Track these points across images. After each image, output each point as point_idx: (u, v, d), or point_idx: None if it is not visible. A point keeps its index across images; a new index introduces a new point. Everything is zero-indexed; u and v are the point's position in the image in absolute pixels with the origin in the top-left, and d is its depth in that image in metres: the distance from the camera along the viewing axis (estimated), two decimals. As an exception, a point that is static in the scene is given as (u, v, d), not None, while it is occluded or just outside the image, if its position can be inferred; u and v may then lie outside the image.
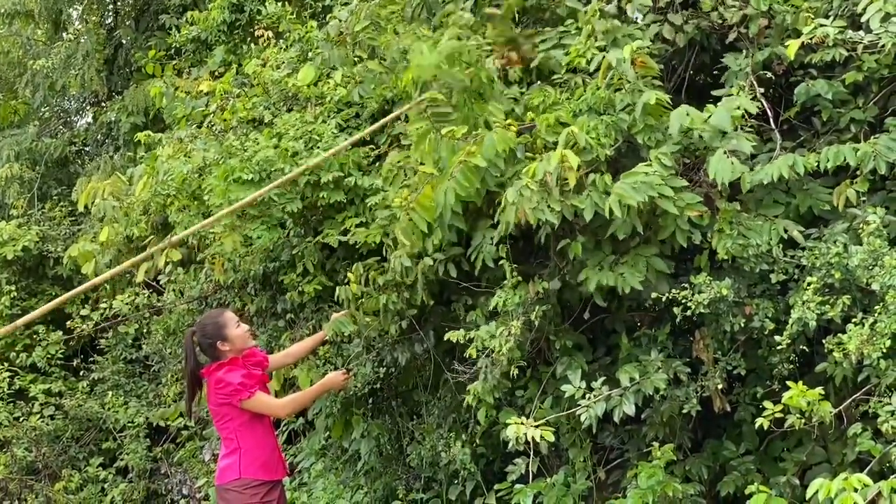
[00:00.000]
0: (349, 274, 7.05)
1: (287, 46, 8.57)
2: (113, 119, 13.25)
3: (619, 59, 5.90)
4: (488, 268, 6.40)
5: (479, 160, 5.79)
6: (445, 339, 6.65)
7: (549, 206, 5.67)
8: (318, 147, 7.10)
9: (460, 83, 6.13)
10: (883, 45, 5.83)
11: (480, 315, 6.65)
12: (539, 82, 6.62)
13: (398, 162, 6.63)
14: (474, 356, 6.45)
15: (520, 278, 6.29)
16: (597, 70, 6.10)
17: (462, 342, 6.47)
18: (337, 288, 7.12)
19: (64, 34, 14.51)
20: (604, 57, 6.01)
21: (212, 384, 6.32)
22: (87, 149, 15.09)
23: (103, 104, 14.15)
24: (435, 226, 6.19)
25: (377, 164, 7.23)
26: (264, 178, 6.96)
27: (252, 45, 9.49)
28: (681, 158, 5.94)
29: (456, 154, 5.89)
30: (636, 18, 6.45)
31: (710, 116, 5.73)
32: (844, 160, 5.63)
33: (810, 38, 5.89)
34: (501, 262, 6.28)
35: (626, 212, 5.57)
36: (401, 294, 6.89)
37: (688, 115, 5.73)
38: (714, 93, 6.22)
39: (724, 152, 5.65)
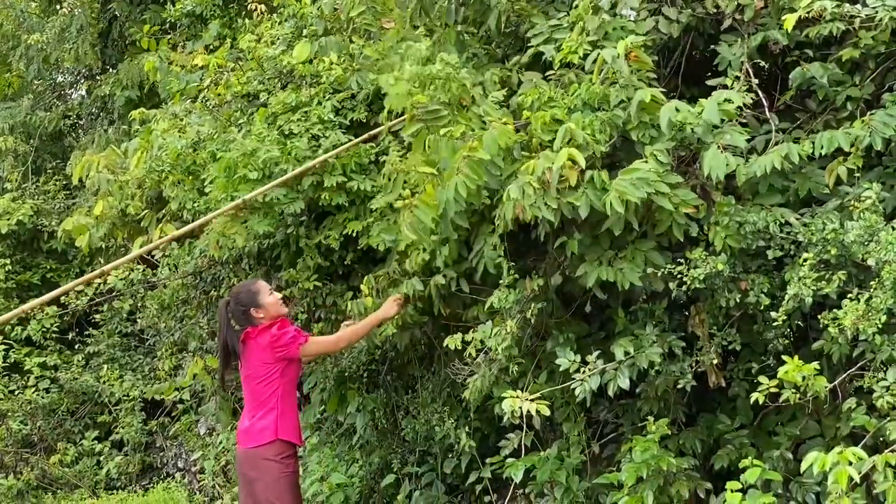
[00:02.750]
0: (362, 286, 7.07)
1: (281, 21, 8.53)
2: (107, 93, 13.20)
3: (612, 56, 5.88)
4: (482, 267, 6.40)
5: (482, 154, 5.79)
6: (445, 345, 6.66)
7: (545, 204, 5.67)
8: (321, 145, 7.08)
9: (437, 100, 6.14)
10: (880, 20, 5.82)
11: (481, 310, 6.65)
12: (532, 80, 6.60)
13: (395, 167, 6.60)
14: (473, 355, 6.47)
15: (517, 276, 6.29)
16: (592, 65, 6.05)
17: (461, 346, 6.49)
18: (349, 303, 7.16)
19: (58, 7, 14.43)
20: (599, 54, 5.97)
21: (263, 342, 6.50)
22: (81, 122, 15.05)
23: (97, 78, 14.10)
24: (438, 223, 6.20)
25: (377, 163, 7.20)
26: (268, 176, 6.96)
27: (247, 19, 9.45)
28: (675, 152, 5.93)
29: (457, 153, 5.89)
30: (629, 16, 6.42)
31: (701, 111, 5.71)
32: (838, 146, 5.63)
33: (807, 12, 5.87)
34: (499, 260, 6.28)
35: (626, 208, 5.57)
36: (416, 306, 6.94)
37: (678, 110, 5.71)
38: (709, 82, 6.20)
39: (718, 147, 5.64)
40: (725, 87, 5.90)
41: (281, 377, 6.53)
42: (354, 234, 7.09)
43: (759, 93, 6.00)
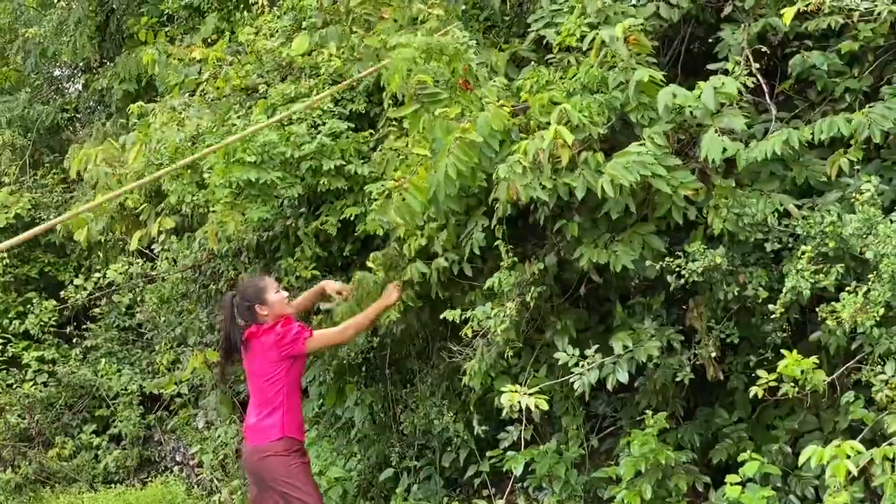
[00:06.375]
0: (368, 262, 7.05)
1: (281, 14, 8.51)
2: (105, 86, 13.18)
3: (611, 37, 5.86)
4: (490, 249, 6.39)
5: (474, 135, 5.78)
6: (441, 316, 6.66)
7: (540, 185, 5.66)
8: (321, 132, 7.07)
9: (441, 76, 6.13)
10: (879, 13, 5.82)
11: (479, 295, 6.64)
12: (533, 63, 6.60)
13: (391, 147, 6.59)
14: (469, 335, 6.46)
15: (516, 259, 6.28)
16: (589, 48, 6.05)
17: (458, 322, 6.49)
18: (358, 275, 7.14)
19: (55, 0, 14.39)
20: (596, 35, 5.97)
21: (268, 342, 6.44)
22: (78, 116, 15.00)
23: (95, 71, 14.07)
24: (429, 207, 6.19)
25: (376, 150, 7.20)
26: (266, 161, 6.95)
27: (245, 12, 9.43)
28: (675, 135, 5.92)
29: (450, 134, 5.87)
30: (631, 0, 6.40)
31: (700, 95, 5.70)
32: (838, 131, 5.63)
33: (806, 6, 5.87)
34: (497, 243, 6.28)
35: (619, 191, 5.56)
36: (415, 290, 6.93)
37: (674, 95, 5.69)
38: (710, 66, 6.20)
39: (716, 130, 5.63)
40: (726, 71, 5.89)
41: (286, 375, 6.48)
42: (353, 218, 7.08)
43: (760, 78, 5.99)
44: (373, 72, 6.81)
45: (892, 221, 5.38)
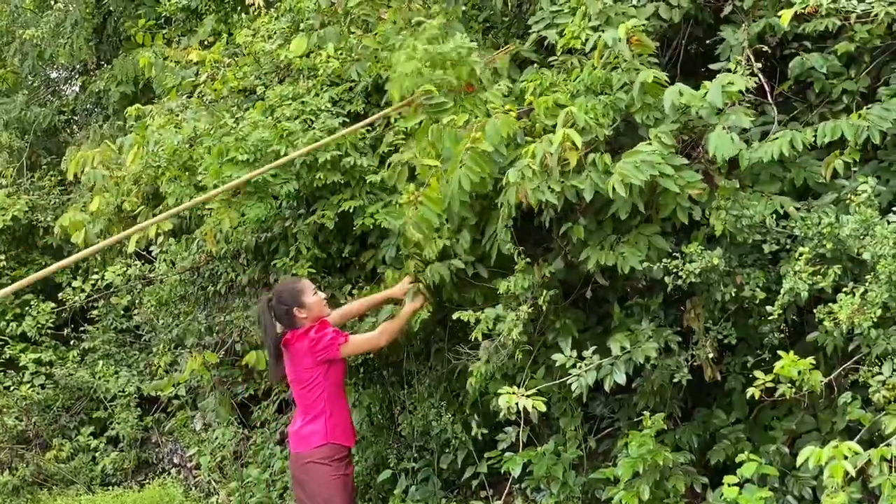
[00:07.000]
0: (387, 273, 7.06)
1: (278, 16, 8.52)
2: (102, 88, 13.18)
3: (613, 38, 5.87)
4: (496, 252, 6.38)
5: (485, 145, 5.78)
6: (455, 317, 6.62)
7: (549, 188, 5.67)
8: (314, 128, 7.05)
9: (446, 83, 6.13)
10: (876, 15, 5.83)
11: (479, 296, 6.63)
12: (534, 65, 6.59)
13: (399, 160, 6.57)
14: (480, 339, 6.44)
15: (528, 260, 6.28)
16: (592, 50, 6.05)
17: (470, 324, 6.45)
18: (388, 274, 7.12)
19: (52, 3, 14.39)
20: (599, 37, 5.97)
21: (303, 348, 6.37)
22: (76, 118, 15.00)
23: (92, 73, 14.07)
24: (444, 217, 6.18)
25: (374, 145, 7.19)
26: (259, 159, 6.92)
27: (243, 14, 9.43)
28: (679, 135, 5.93)
29: (460, 143, 5.86)
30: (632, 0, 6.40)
31: (706, 94, 5.70)
32: (842, 135, 5.64)
33: (803, 8, 5.88)
34: (507, 245, 6.27)
35: (629, 191, 5.56)
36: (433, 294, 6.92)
37: (681, 93, 5.70)
38: (712, 66, 6.21)
39: (724, 128, 5.64)
40: (729, 70, 5.89)
41: (325, 380, 6.40)
42: (351, 211, 7.06)
43: (761, 77, 6.00)
44: (383, 115, 6.83)
45: (889, 223, 5.40)
